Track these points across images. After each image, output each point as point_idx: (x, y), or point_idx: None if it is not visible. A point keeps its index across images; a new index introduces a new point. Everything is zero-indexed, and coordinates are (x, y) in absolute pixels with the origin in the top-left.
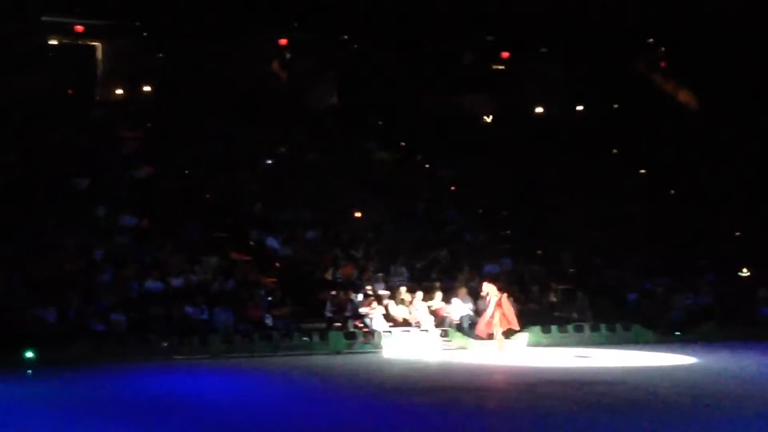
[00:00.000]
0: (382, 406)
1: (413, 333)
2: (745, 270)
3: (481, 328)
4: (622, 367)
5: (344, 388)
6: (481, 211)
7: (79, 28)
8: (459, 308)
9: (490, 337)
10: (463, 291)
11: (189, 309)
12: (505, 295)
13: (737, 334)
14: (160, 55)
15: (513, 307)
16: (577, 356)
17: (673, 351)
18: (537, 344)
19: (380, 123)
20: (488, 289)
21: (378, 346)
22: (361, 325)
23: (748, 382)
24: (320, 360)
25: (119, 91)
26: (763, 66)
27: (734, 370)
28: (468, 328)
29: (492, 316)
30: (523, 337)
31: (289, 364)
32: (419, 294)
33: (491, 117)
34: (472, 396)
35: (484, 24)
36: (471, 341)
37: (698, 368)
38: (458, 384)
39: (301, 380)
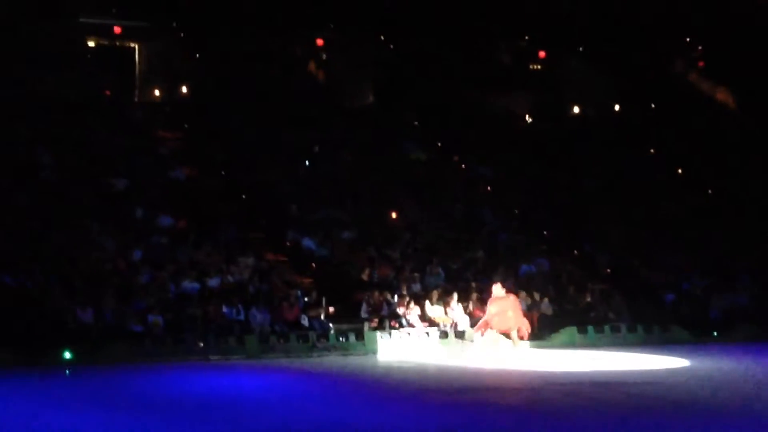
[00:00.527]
0: (422, 406)
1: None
2: None
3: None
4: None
5: (380, 388)
6: (517, 211)
7: (118, 29)
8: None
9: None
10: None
11: (225, 309)
12: (513, 297)
13: None
14: (198, 56)
15: (524, 311)
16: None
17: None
18: (572, 344)
19: (417, 123)
20: (495, 290)
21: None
22: (397, 325)
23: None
24: (356, 360)
25: (157, 93)
26: None
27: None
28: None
29: (487, 316)
30: (523, 342)
31: (325, 364)
32: (455, 295)
33: (528, 117)
34: (511, 396)
35: (521, 24)
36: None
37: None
38: (493, 384)
39: (337, 380)
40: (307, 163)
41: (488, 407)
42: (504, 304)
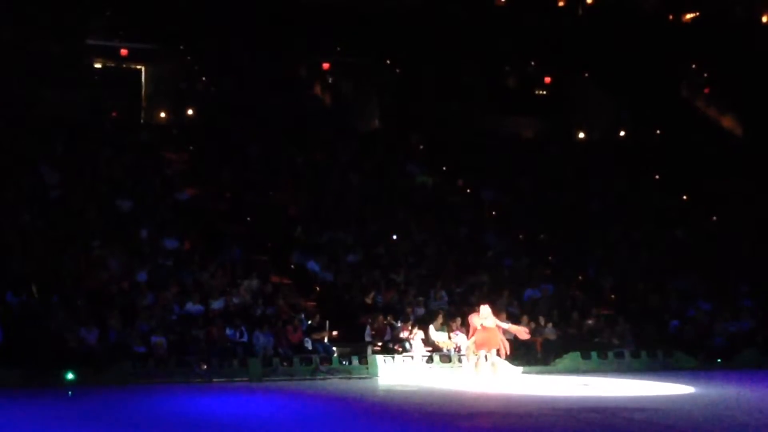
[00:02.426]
0: (423, 430)
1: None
2: None
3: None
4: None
5: (382, 412)
6: (522, 235)
7: (124, 51)
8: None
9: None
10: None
11: (229, 332)
12: (496, 321)
13: None
14: (204, 78)
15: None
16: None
17: (699, 379)
18: (576, 370)
19: (422, 146)
20: (483, 311)
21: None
22: (401, 349)
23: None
24: (359, 384)
25: (163, 114)
26: None
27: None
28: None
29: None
30: (508, 366)
31: (328, 387)
32: (459, 319)
33: (534, 141)
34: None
35: (527, 48)
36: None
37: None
38: (495, 409)
39: (339, 404)
40: (312, 185)
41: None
42: (489, 324)
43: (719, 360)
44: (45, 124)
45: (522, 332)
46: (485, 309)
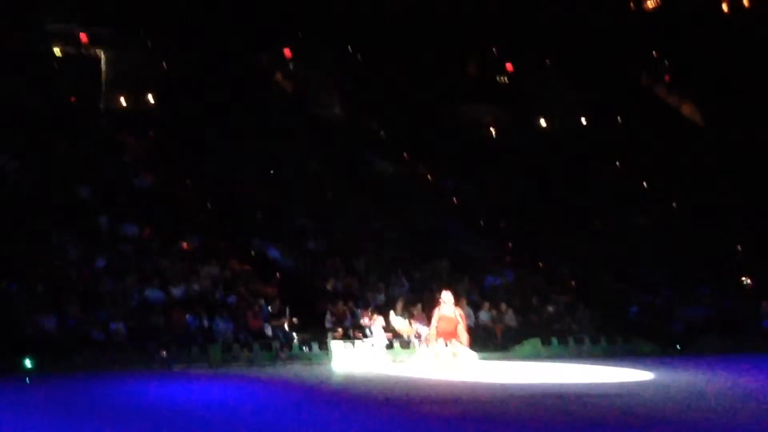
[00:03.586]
0: (381, 417)
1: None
2: (747, 280)
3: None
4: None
5: (342, 398)
6: (482, 222)
7: (84, 37)
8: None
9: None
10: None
11: (189, 318)
12: (457, 307)
13: (739, 348)
14: (164, 64)
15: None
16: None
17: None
18: (536, 356)
19: (383, 134)
20: (445, 297)
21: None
22: (361, 335)
23: (701, 399)
24: (319, 370)
25: (123, 100)
26: (766, 80)
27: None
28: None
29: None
30: (467, 353)
31: (288, 374)
32: (419, 305)
33: (494, 129)
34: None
35: (489, 36)
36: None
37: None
38: (453, 395)
39: (300, 390)
40: (273, 172)
41: (447, 418)
42: (449, 312)
43: (678, 346)
44: (3, 110)
45: (463, 337)
46: (447, 295)
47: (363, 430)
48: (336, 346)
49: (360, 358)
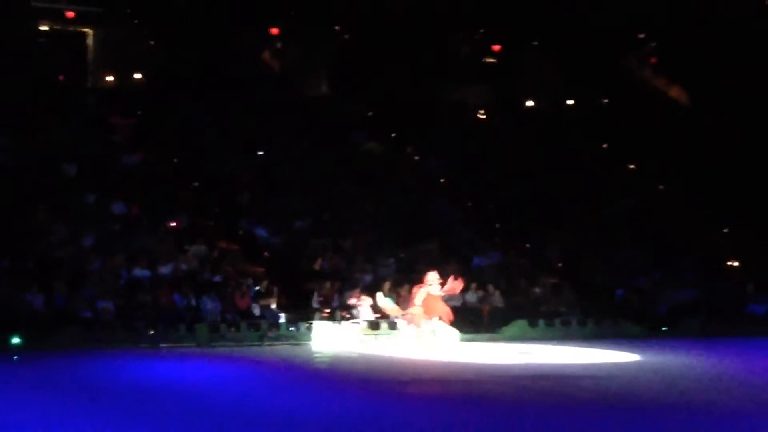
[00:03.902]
0: (366, 396)
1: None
2: (733, 263)
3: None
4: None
5: (327, 378)
6: (470, 203)
7: (70, 14)
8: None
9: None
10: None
11: (176, 297)
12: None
13: (724, 331)
14: (152, 42)
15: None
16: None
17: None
18: (523, 337)
19: (370, 113)
20: (430, 278)
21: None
22: (348, 315)
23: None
24: (306, 350)
25: (110, 78)
26: (754, 62)
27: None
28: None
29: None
30: (449, 332)
31: (275, 353)
32: (406, 286)
33: (482, 109)
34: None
35: (476, 15)
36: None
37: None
38: (438, 376)
39: (284, 370)
40: (260, 152)
41: (431, 398)
42: (432, 292)
43: (663, 328)
44: None
45: (455, 287)
46: (432, 276)
47: (345, 411)
48: (316, 326)
49: (342, 338)
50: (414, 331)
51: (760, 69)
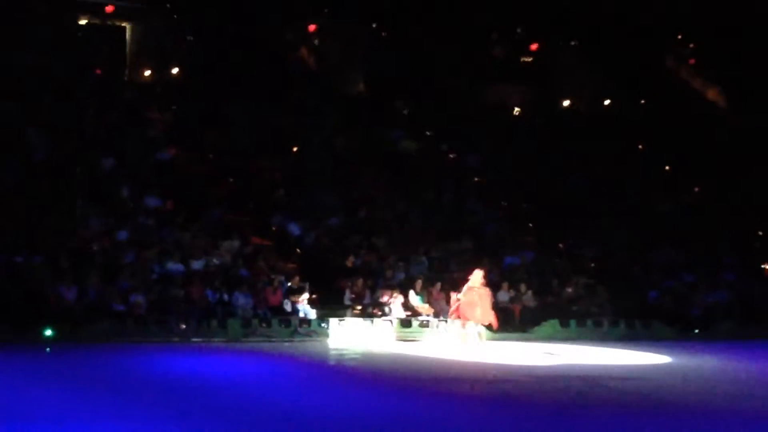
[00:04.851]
0: (394, 394)
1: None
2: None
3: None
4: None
5: (359, 375)
6: (504, 202)
7: (110, 8)
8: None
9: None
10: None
11: (209, 292)
12: (487, 289)
13: (759, 333)
14: (189, 38)
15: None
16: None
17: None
18: (554, 338)
19: (406, 112)
20: (475, 277)
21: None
22: (380, 313)
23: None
24: (335, 346)
25: (147, 73)
26: None
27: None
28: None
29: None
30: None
31: (306, 349)
32: (438, 284)
33: (519, 109)
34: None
35: (514, 15)
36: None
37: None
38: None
39: (314, 366)
40: (296, 148)
41: (463, 398)
42: (477, 294)
43: (696, 330)
44: (28, 81)
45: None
46: (477, 276)
47: (380, 409)
48: (333, 323)
49: (365, 335)
50: (453, 330)
51: None
